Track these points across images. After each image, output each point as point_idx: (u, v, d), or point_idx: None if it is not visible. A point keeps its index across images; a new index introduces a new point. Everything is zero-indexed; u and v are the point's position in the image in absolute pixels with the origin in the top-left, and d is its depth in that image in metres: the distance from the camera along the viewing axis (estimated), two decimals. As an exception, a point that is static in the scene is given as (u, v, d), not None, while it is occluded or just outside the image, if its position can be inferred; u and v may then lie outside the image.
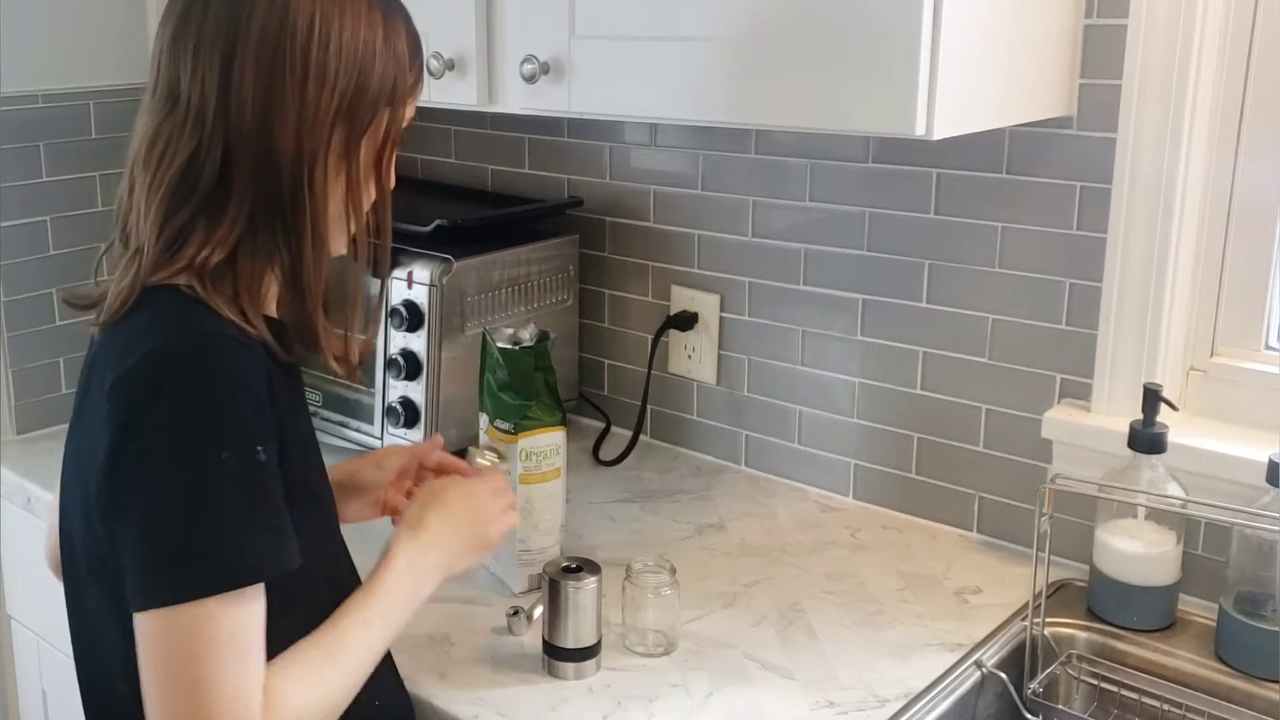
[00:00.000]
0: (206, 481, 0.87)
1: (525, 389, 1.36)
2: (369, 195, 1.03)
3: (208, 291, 0.94)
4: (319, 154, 0.96)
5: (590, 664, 1.22)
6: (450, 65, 1.42)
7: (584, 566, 1.22)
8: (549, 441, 1.36)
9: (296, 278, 0.97)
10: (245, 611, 0.88)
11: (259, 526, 0.89)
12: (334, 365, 1.04)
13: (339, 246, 1.02)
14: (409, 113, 1.04)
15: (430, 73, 1.42)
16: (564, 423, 1.38)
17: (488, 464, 1.28)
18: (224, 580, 0.87)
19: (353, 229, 1.02)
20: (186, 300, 0.94)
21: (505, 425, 1.36)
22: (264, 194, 0.95)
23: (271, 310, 1.00)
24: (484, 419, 1.40)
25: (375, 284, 1.64)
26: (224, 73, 0.94)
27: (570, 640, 1.20)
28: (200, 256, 0.94)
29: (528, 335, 1.39)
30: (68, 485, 1.03)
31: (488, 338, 1.39)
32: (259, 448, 0.90)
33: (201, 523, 0.87)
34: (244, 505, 0.89)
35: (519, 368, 1.36)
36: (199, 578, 0.87)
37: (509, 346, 1.37)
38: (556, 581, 1.20)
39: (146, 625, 0.88)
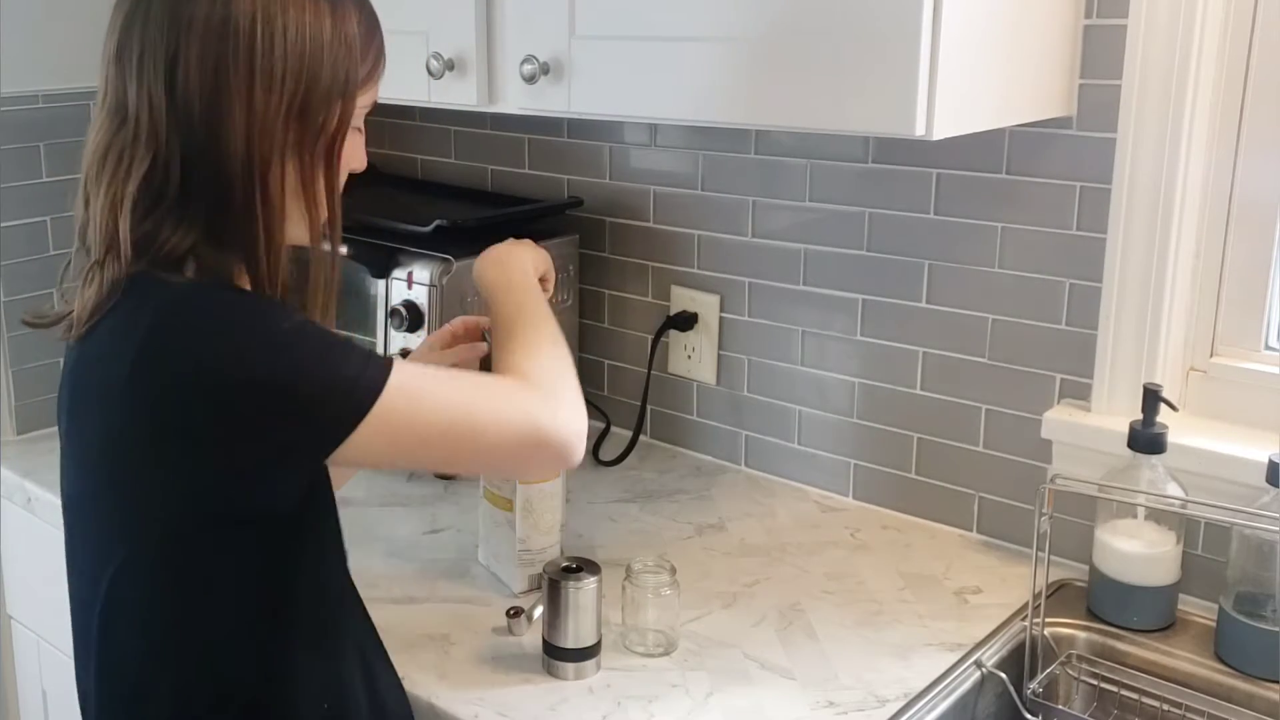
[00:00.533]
0: (295, 345, 0.91)
1: None
2: (325, 186, 1.02)
3: (184, 272, 0.96)
4: (271, 156, 0.96)
5: (590, 664, 1.22)
6: (450, 65, 1.42)
7: (584, 566, 1.22)
8: None
9: (254, 271, 0.98)
10: (412, 363, 0.99)
11: (351, 349, 0.94)
12: None
13: (298, 237, 1.02)
14: (367, 99, 1.04)
15: (430, 72, 1.43)
16: None
17: None
18: (379, 368, 0.94)
19: (312, 221, 1.01)
20: (171, 281, 0.95)
21: None
22: (220, 198, 0.95)
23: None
24: None
25: (376, 284, 1.66)
26: (169, 83, 0.94)
27: (570, 640, 1.20)
28: (168, 247, 0.95)
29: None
30: (74, 492, 1.03)
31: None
32: (304, 320, 0.95)
33: (318, 364, 0.91)
34: (327, 337, 0.94)
35: None
36: (358, 386, 0.92)
37: None
38: (556, 581, 1.20)
39: (377, 436, 0.93)
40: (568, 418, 1.00)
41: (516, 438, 0.98)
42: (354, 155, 1.06)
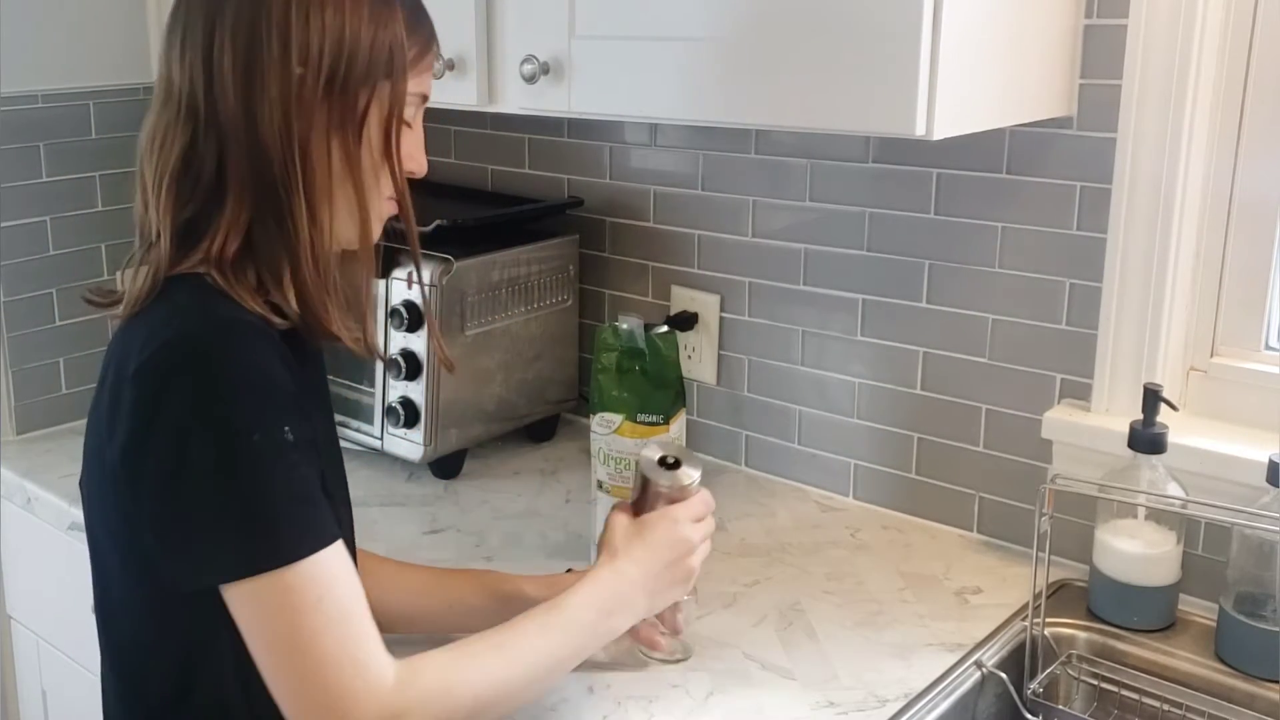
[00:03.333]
0: (241, 462, 0.87)
1: (663, 376, 1.36)
2: (378, 177, 1.00)
3: (229, 282, 0.94)
4: (310, 134, 0.94)
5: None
6: (450, 65, 1.42)
7: (682, 460, 1.16)
8: (681, 424, 1.39)
9: (297, 261, 0.96)
10: (328, 575, 0.89)
11: (298, 500, 0.90)
12: (353, 347, 1.03)
13: (346, 231, 1.00)
14: (418, 88, 1.01)
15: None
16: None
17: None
18: (279, 552, 0.87)
19: (364, 217, 0.99)
20: (208, 290, 0.94)
21: (652, 418, 1.35)
22: (259, 179, 0.94)
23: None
24: (608, 421, 1.36)
25: (376, 284, 1.66)
26: (206, 60, 0.93)
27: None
28: (216, 246, 0.94)
29: (628, 326, 1.38)
30: (89, 477, 1.03)
31: (625, 330, 1.36)
32: (285, 428, 0.89)
33: (251, 498, 0.88)
34: (282, 481, 0.89)
35: (659, 355, 1.36)
36: (256, 550, 0.87)
37: (656, 332, 1.37)
38: (651, 474, 1.14)
39: (237, 601, 0.89)
40: None
41: (318, 711, 0.88)
42: (412, 155, 1.03)
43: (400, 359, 1.62)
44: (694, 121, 1.44)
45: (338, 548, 0.91)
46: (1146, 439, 1.28)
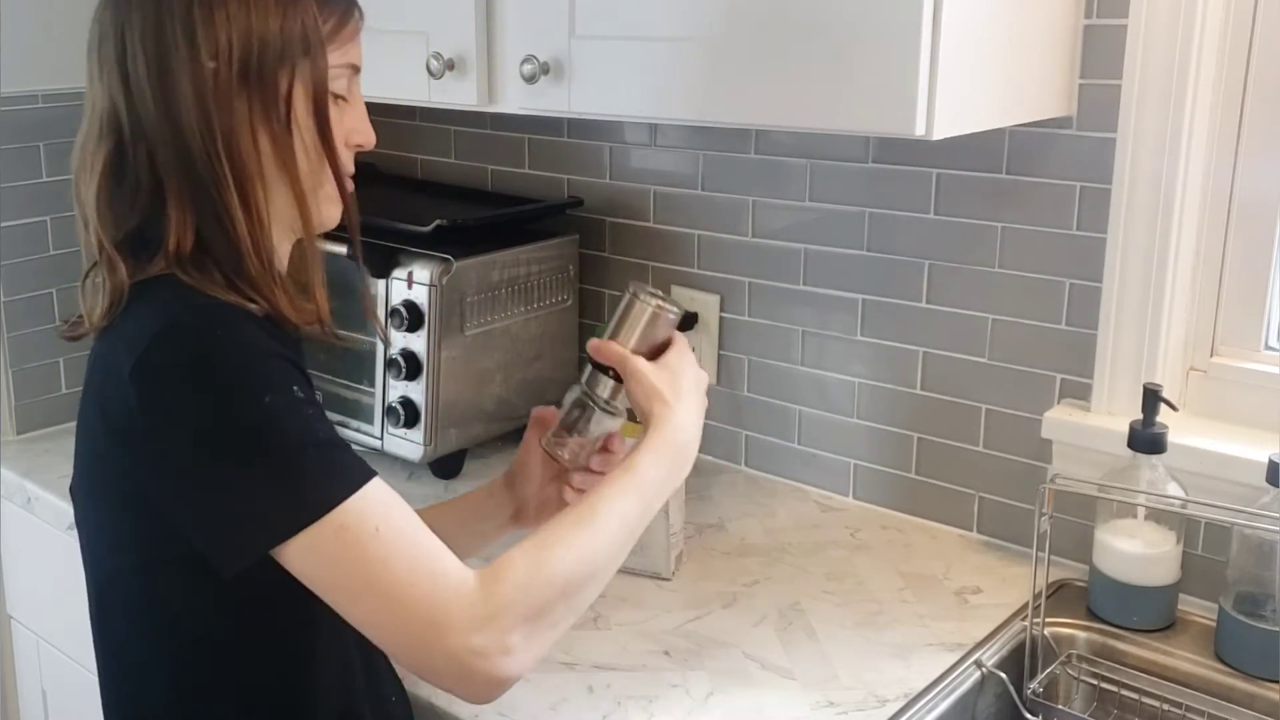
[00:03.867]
0: (262, 424, 0.87)
1: None
2: (321, 159, 0.98)
3: (196, 279, 0.93)
4: (234, 127, 0.93)
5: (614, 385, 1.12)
6: (450, 65, 1.42)
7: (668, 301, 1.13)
8: None
9: (239, 254, 0.95)
10: (379, 506, 0.89)
11: (325, 445, 0.90)
12: (313, 334, 1.03)
13: (289, 221, 0.99)
14: (343, 59, 0.99)
15: (430, 72, 1.43)
16: None
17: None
18: (324, 498, 0.87)
19: (302, 205, 0.98)
20: (180, 285, 0.93)
21: None
22: (190, 179, 0.93)
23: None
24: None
25: (376, 284, 1.66)
26: (121, 71, 0.93)
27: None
28: (172, 248, 0.94)
29: None
30: (81, 483, 1.03)
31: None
32: (294, 386, 0.89)
33: (281, 457, 0.87)
34: (305, 432, 0.89)
35: None
36: (300, 503, 0.87)
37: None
38: (637, 294, 1.11)
39: (298, 561, 0.88)
40: (495, 656, 0.88)
41: (416, 635, 0.88)
42: (355, 129, 1.02)
43: (400, 359, 1.62)
44: (694, 121, 1.44)
45: (377, 482, 0.91)
46: (1146, 439, 1.28)
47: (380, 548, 0.87)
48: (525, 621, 0.90)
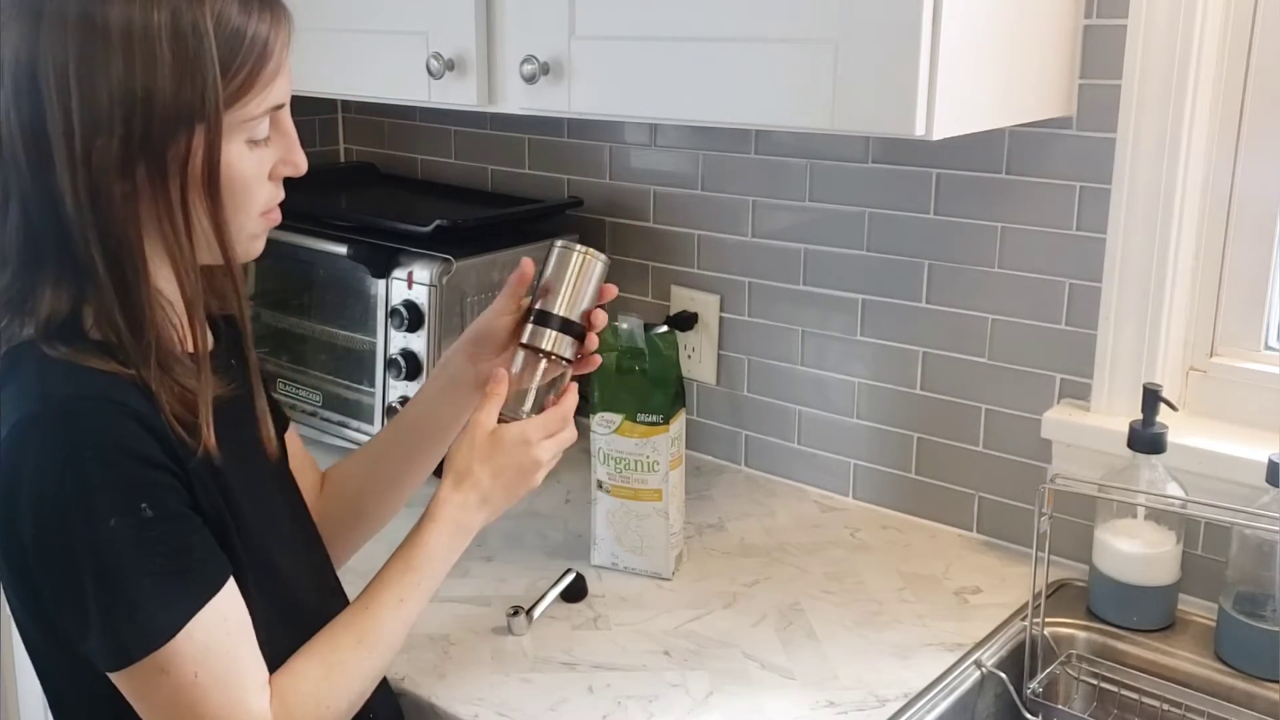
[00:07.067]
0: (102, 552, 0.84)
1: (663, 376, 1.37)
2: (211, 224, 0.90)
3: (73, 350, 0.88)
4: (114, 200, 0.86)
5: (567, 340, 1.12)
6: (450, 65, 1.42)
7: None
8: (680, 424, 1.41)
9: (115, 329, 0.89)
10: (202, 642, 0.88)
11: (162, 574, 0.87)
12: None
13: (167, 287, 0.92)
14: (261, 106, 0.90)
15: (430, 72, 1.43)
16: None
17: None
18: (148, 640, 0.86)
19: (179, 269, 0.90)
20: (47, 364, 0.88)
21: (652, 418, 1.36)
22: (66, 251, 0.87)
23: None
24: (608, 420, 1.38)
25: (376, 284, 1.66)
26: None
27: (562, 308, 1.12)
28: (44, 314, 0.89)
29: (627, 326, 1.37)
30: None
31: (625, 330, 1.36)
32: (143, 505, 0.85)
33: (112, 590, 0.85)
34: (144, 562, 0.86)
35: (659, 355, 1.37)
36: (125, 642, 0.86)
37: (656, 332, 1.38)
38: (569, 248, 1.12)
39: (121, 684, 0.89)
40: None
41: None
42: (282, 161, 0.95)
43: (400, 359, 1.62)
44: (694, 121, 1.44)
45: (216, 600, 0.89)
46: (1146, 439, 1.28)
47: (194, 693, 0.88)
48: None
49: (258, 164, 0.92)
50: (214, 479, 0.93)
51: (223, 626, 0.90)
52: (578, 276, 1.12)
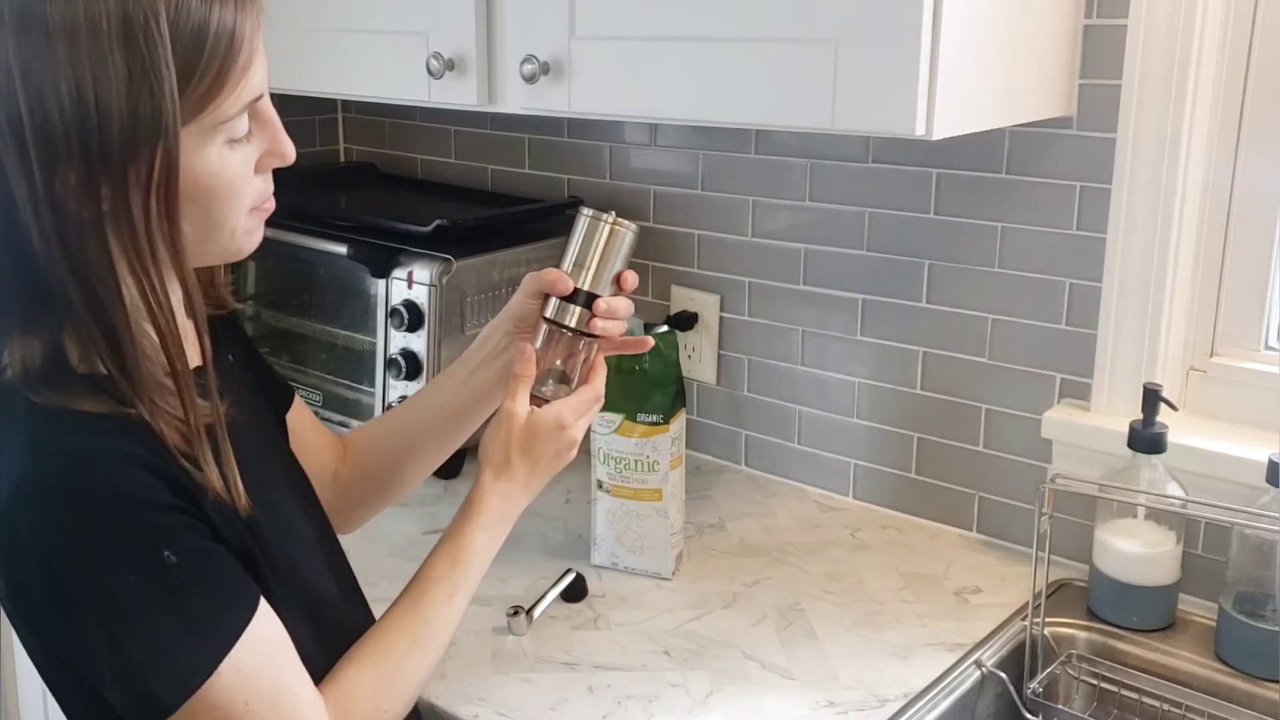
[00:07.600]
0: (129, 608, 0.82)
1: (663, 376, 1.37)
2: (207, 214, 0.86)
3: (60, 394, 0.83)
4: (74, 225, 0.81)
5: (579, 311, 1.08)
6: (450, 65, 1.42)
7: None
8: (680, 424, 1.41)
9: (104, 354, 0.84)
10: (247, 671, 0.85)
11: (194, 616, 0.84)
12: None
13: (138, 310, 0.85)
14: (237, 104, 0.84)
15: (430, 72, 1.43)
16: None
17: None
18: (183, 687, 0.83)
19: (146, 289, 0.83)
20: (38, 413, 0.83)
21: (652, 418, 1.36)
22: (29, 280, 0.83)
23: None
24: (608, 420, 1.38)
25: (376, 284, 1.66)
26: None
27: (588, 282, 1.08)
28: (19, 358, 0.84)
29: (627, 326, 1.35)
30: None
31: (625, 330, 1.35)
32: (165, 553, 0.82)
33: (137, 647, 0.82)
34: (174, 612, 0.83)
35: (659, 355, 1.37)
36: (160, 695, 0.83)
37: (656, 332, 1.38)
38: (597, 216, 1.08)
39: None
40: None
41: None
42: (268, 153, 0.89)
43: (400, 359, 1.62)
44: (694, 121, 1.44)
45: (252, 626, 0.86)
46: (1146, 439, 1.28)
47: (249, 718, 0.86)
48: None
49: (242, 163, 0.87)
50: (229, 500, 0.89)
51: (263, 649, 0.87)
52: (605, 246, 1.07)
